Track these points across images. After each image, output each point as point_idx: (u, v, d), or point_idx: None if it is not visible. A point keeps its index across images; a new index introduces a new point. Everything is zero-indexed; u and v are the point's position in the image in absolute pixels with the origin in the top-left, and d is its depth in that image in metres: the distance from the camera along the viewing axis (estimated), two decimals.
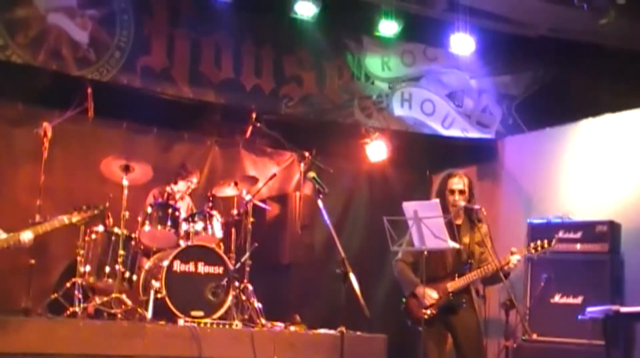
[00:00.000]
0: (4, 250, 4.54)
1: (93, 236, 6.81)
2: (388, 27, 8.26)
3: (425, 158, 9.32)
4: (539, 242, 5.65)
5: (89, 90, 6.79)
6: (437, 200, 5.49)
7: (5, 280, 6.86)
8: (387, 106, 8.75)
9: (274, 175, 8.17)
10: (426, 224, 5.35)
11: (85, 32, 7.31)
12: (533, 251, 5.66)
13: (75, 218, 4.73)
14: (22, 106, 7.41)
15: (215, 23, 7.88)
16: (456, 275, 5.62)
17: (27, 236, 4.59)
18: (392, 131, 8.82)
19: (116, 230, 6.87)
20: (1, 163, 7.26)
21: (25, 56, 7.02)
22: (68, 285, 6.62)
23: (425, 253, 5.43)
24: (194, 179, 7.71)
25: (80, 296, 6.51)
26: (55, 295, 6.61)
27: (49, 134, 6.51)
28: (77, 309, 6.40)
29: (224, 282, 6.85)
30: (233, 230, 7.57)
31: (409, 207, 5.46)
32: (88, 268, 6.73)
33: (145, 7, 7.65)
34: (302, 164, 7.85)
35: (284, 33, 8.16)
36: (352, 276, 4.57)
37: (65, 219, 4.69)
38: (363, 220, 9.04)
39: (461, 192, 5.70)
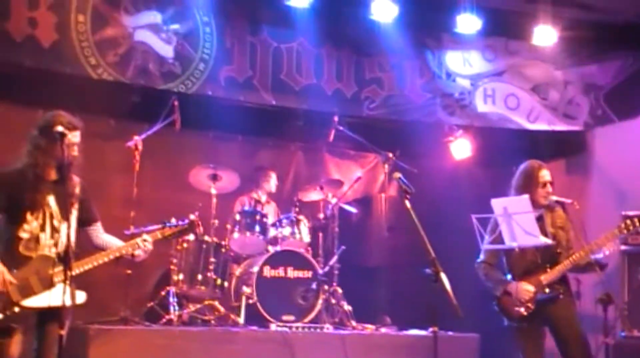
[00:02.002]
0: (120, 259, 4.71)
1: (185, 245, 7.00)
2: (468, 23, 8.15)
3: (511, 154, 9.11)
4: (629, 221, 5.27)
5: (176, 103, 6.97)
6: (527, 196, 5.36)
7: (104, 290, 7.05)
8: (470, 103, 8.65)
9: (359, 178, 8.19)
10: (517, 220, 5.25)
11: (170, 46, 7.53)
12: (625, 231, 5.30)
13: (166, 233, 4.88)
14: (113, 121, 7.72)
15: (294, 30, 7.99)
16: (547, 266, 5.39)
17: (147, 241, 4.74)
18: (476, 127, 8.72)
19: (206, 238, 7.05)
20: (95, 177, 7.46)
21: (115, 73, 7.28)
22: (163, 293, 6.82)
23: (517, 249, 5.32)
24: (273, 176, 7.83)
25: (175, 304, 6.69)
26: (151, 303, 6.82)
27: (140, 147, 6.72)
28: (172, 317, 6.58)
29: (314, 286, 6.91)
30: (320, 234, 7.63)
31: (498, 204, 5.37)
32: (181, 276, 6.92)
33: (227, 18, 7.82)
34: (386, 166, 7.83)
35: (363, 36, 8.17)
36: (443, 276, 4.52)
37: (158, 234, 4.84)
38: (451, 219, 8.93)
39: (551, 184, 5.53)
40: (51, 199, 4.41)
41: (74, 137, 4.45)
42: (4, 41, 6.76)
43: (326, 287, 7.13)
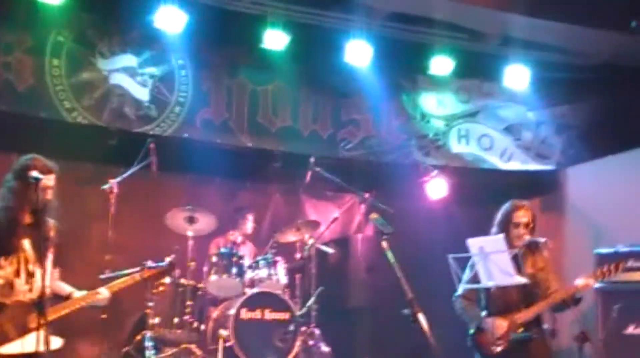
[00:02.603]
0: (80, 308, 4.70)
1: (161, 288, 6.89)
2: (442, 65, 8.28)
3: (486, 193, 9.22)
4: (605, 267, 5.31)
5: (152, 145, 6.96)
6: (503, 235, 5.40)
7: (80, 335, 7.00)
8: (445, 143, 8.75)
9: (336, 219, 8.19)
10: (493, 260, 5.28)
11: (146, 89, 7.56)
12: (601, 276, 5.32)
13: (145, 275, 4.87)
14: (90, 165, 7.70)
15: (271, 72, 8.07)
16: (523, 306, 5.43)
17: (104, 293, 4.74)
18: (451, 167, 8.80)
19: (183, 280, 7.00)
20: (72, 222, 7.41)
21: (91, 116, 7.29)
22: (139, 337, 6.73)
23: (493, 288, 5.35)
24: (250, 218, 7.84)
25: (151, 348, 6.61)
26: (127, 348, 6.73)
27: (116, 190, 6.68)
28: None
29: (291, 328, 6.87)
30: (298, 275, 7.60)
31: (475, 243, 5.41)
32: (157, 319, 6.84)
33: (203, 62, 7.87)
34: (362, 206, 7.85)
35: (339, 78, 8.27)
36: (421, 317, 4.53)
37: (137, 276, 4.84)
38: (429, 259, 8.95)
39: (526, 225, 5.56)
40: (26, 243, 4.38)
41: (49, 180, 4.44)
42: None
43: (304, 329, 7.08)
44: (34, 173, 4.30)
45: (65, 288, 4.72)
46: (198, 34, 7.57)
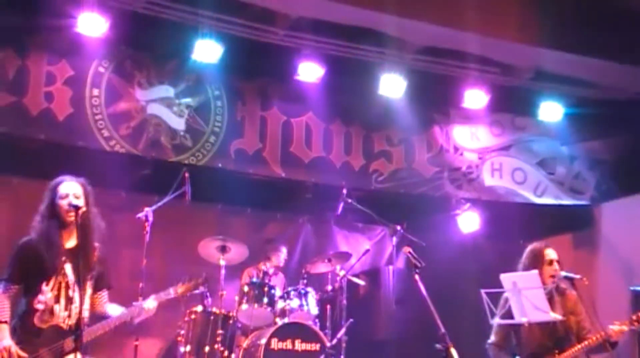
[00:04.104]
0: (124, 324, 4.68)
1: (192, 316, 6.98)
2: (475, 99, 8.30)
3: (519, 228, 9.17)
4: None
5: (186, 175, 7.03)
6: (536, 271, 5.37)
7: None
8: (478, 177, 8.73)
9: (367, 251, 8.20)
10: (526, 295, 5.25)
11: (182, 119, 7.67)
12: (636, 323, 5.22)
13: (180, 289, 4.87)
14: (124, 193, 7.80)
15: (305, 104, 8.16)
16: (556, 351, 5.34)
17: (150, 303, 4.70)
18: (483, 201, 8.77)
19: (214, 309, 7.02)
20: (106, 248, 7.55)
21: (128, 145, 7.41)
22: None
23: (526, 324, 5.29)
24: (284, 250, 7.87)
25: None
26: None
27: (150, 219, 6.75)
28: None
29: None
30: (328, 306, 7.59)
31: (507, 279, 5.38)
32: (188, 348, 6.87)
33: (238, 92, 7.99)
34: (394, 238, 7.84)
35: (372, 111, 8.33)
36: (453, 352, 4.51)
37: (171, 291, 4.83)
38: (459, 293, 8.90)
39: (558, 262, 5.56)
40: (68, 268, 4.42)
41: (66, 187, 4.51)
42: (21, 116, 6.91)
43: None
44: (58, 187, 4.44)
45: (117, 310, 4.70)
46: (233, 65, 7.69)
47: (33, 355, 4.26)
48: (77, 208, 4.41)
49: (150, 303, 4.67)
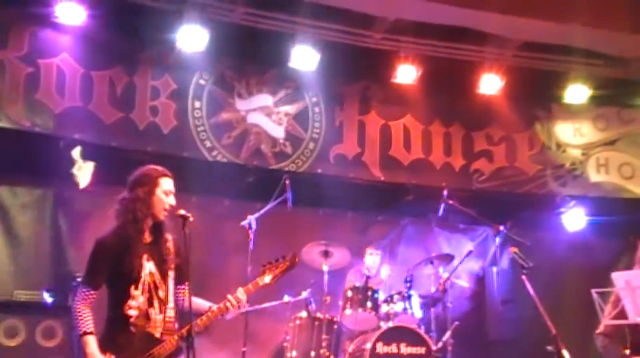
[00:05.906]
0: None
1: (298, 321, 7.06)
2: (578, 93, 8.08)
3: (628, 224, 8.85)
4: None
5: (287, 181, 7.13)
6: None
7: None
8: (582, 173, 8.49)
9: (470, 252, 8.08)
10: None
11: (281, 127, 7.80)
12: None
13: (267, 276, 4.66)
14: (228, 201, 7.97)
15: (403, 106, 8.16)
16: None
17: (240, 293, 4.50)
18: (589, 198, 8.52)
19: (319, 314, 7.08)
20: (212, 256, 7.75)
21: (230, 155, 7.59)
22: None
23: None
24: (379, 252, 7.85)
25: None
26: None
27: (254, 226, 6.87)
28: None
29: None
30: (432, 309, 7.53)
31: (620, 277, 5.19)
32: (294, 353, 6.95)
33: (336, 98, 8.07)
34: (497, 239, 7.72)
35: (472, 110, 8.24)
36: (566, 354, 4.41)
37: (266, 279, 4.61)
38: (567, 292, 8.67)
39: None
40: (150, 266, 4.13)
41: (169, 183, 4.27)
42: (131, 129, 7.21)
43: None
44: (161, 179, 4.22)
45: (205, 304, 4.36)
46: (330, 71, 7.77)
47: None
48: (185, 218, 4.22)
49: (240, 293, 4.44)
